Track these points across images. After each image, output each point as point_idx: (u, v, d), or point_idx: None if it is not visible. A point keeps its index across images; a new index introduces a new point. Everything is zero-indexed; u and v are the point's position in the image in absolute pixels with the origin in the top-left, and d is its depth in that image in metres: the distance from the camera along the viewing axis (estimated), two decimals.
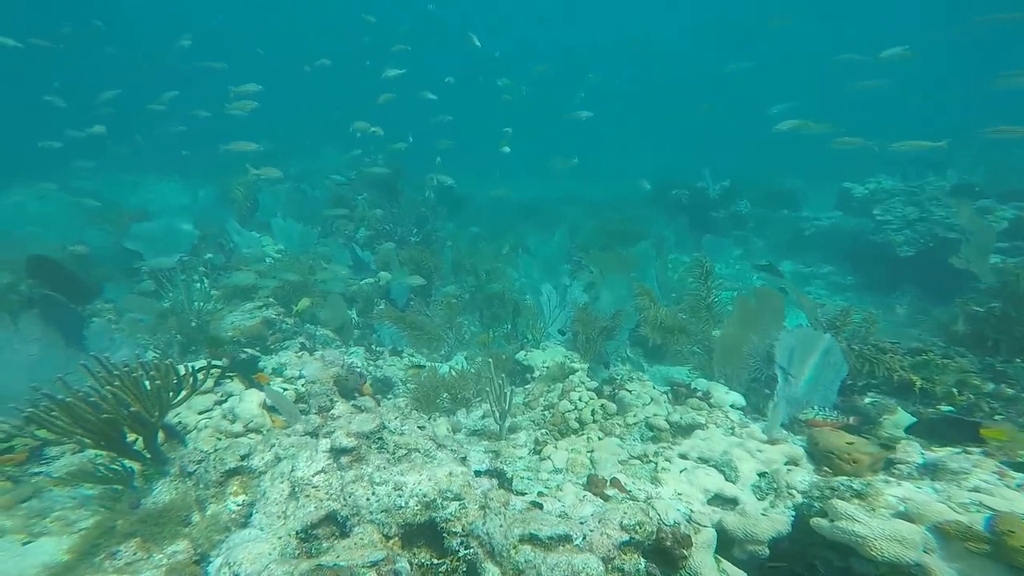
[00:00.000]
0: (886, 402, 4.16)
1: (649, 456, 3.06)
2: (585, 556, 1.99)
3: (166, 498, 3.11)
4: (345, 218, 9.83)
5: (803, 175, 13.33)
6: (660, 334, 5.49)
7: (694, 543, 2.20)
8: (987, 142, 10.29)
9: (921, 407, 4.14)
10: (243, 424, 3.54)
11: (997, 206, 8.97)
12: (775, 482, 2.62)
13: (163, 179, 14.77)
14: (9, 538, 3.05)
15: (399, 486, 2.60)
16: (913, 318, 6.82)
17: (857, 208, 10.71)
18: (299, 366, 3.92)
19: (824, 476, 2.70)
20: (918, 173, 10.85)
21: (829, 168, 12.92)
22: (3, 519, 3.15)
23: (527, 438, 3.58)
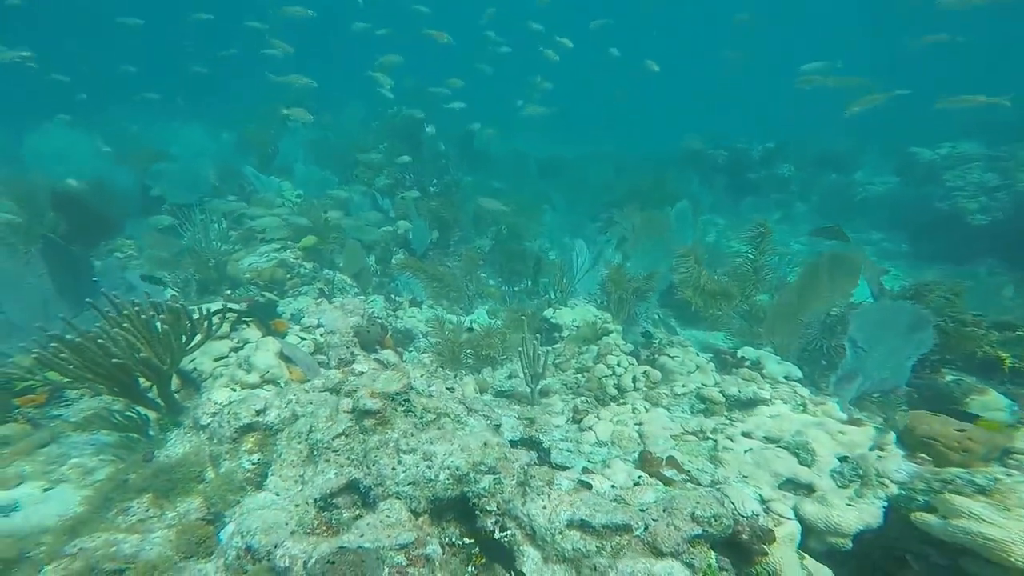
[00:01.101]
0: (969, 381, 3.61)
1: (706, 432, 2.65)
2: (668, 563, 1.60)
3: (180, 451, 2.85)
4: (366, 166, 9.24)
5: (856, 139, 12.00)
6: (702, 298, 4.94)
7: (777, 538, 1.79)
8: None
9: (1011, 387, 3.59)
10: (259, 374, 3.23)
11: None
12: (861, 469, 2.19)
13: (187, 124, 14.25)
14: (31, 484, 2.87)
15: (428, 456, 2.24)
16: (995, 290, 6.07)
17: (921, 174, 9.57)
18: (317, 314, 3.55)
19: (920, 464, 2.24)
20: (1004, 140, 9.51)
21: (888, 133, 11.57)
22: (24, 464, 2.98)
23: (564, 405, 3.19)
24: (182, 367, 3.38)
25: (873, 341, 3.50)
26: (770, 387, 3.02)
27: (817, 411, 2.72)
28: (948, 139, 9.69)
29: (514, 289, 6.90)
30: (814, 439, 2.39)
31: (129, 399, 2.99)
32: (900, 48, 8.42)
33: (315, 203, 6.41)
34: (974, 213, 8.27)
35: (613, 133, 17.67)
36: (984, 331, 3.95)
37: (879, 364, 3.57)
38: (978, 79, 18.56)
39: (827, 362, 4.28)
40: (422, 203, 7.01)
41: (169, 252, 5.05)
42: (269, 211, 5.65)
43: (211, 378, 3.41)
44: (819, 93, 7.56)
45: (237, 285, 4.77)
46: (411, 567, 1.77)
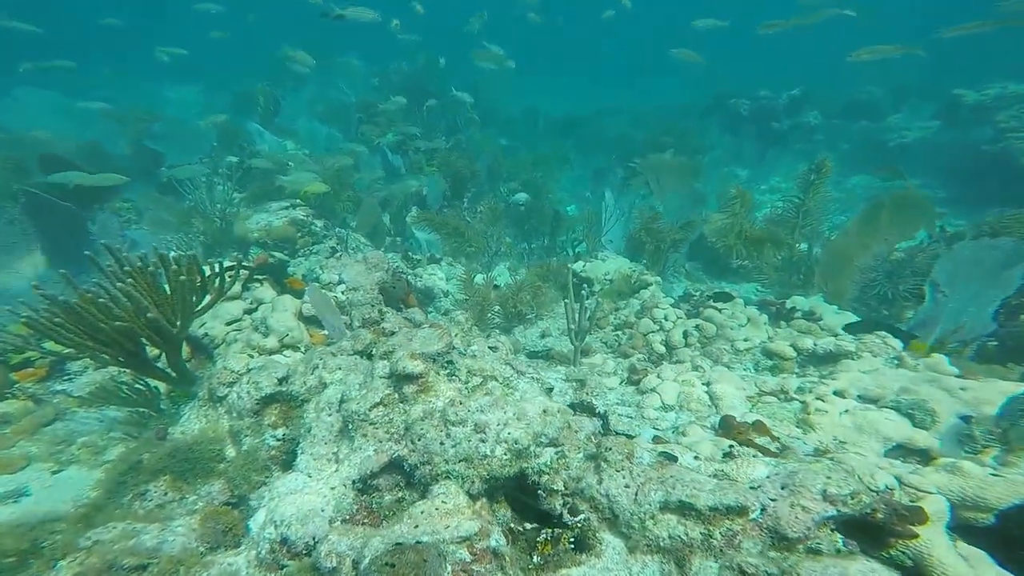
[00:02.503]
0: None
1: (789, 392, 2.25)
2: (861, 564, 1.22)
3: (195, 427, 2.50)
4: (374, 123, 8.48)
5: (890, 87, 10.88)
6: (746, 245, 4.42)
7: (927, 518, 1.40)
8: None
9: None
10: (277, 338, 2.83)
11: None
12: (1001, 431, 1.79)
13: (179, 84, 13.25)
14: (38, 466, 2.57)
15: (480, 427, 1.85)
16: None
17: (968, 117, 8.70)
18: (338, 269, 3.11)
19: None
20: None
21: (925, 79, 10.46)
22: (28, 444, 2.66)
23: (615, 365, 2.78)
24: (191, 332, 2.99)
25: (956, 284, 3.02)
26: (852, 339, 2.59)
27: (919, 365, 2.30)
28: (995, 80, 8.74)
29: (531, 246, 6.40)
30: (929, 397, 1.99)
31: (136, 369, 2.61)
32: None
33: (325, 159, 5.82)
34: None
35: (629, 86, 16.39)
36: None
37: (959, 310, 3.10)
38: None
39: (888, 311, 3.82)
40: (438, 157, 6.38)
41: (171, 213, 4.56)
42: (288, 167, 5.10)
43: (224, 344, 3.02)
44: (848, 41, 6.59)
45: (245, 245, 4.31)
46: (476, 563, 1.41)
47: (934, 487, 1.51)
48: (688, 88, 14.96)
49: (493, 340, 2.29)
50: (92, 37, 8.77)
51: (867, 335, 2.55)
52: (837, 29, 5.48)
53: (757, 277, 5.39)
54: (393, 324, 2.51)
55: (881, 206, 3.76)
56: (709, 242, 5.83)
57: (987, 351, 3.26)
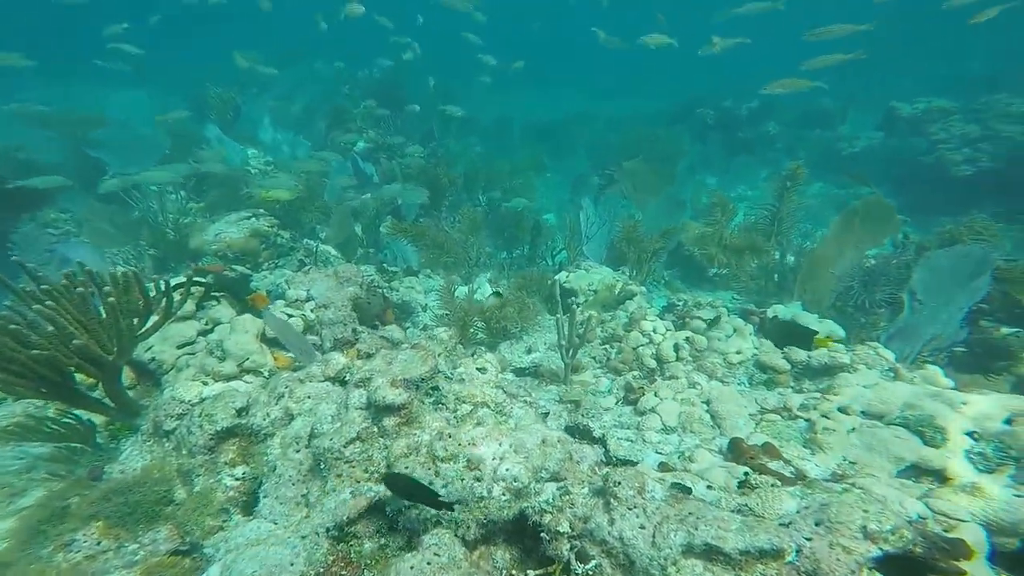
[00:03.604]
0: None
1: (792, 409, 2.16)
2: None
3: (138, 465, 2.15)
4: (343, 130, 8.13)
5: (839, 96, 11.55)
6: (726, 254, 4.42)
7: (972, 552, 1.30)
8: None
9: None
10: (236, 363, 2.50)
11: None
12: (1011, 447, 1.75)
13: (128, 87, 12.32)
14: None
15: (474, 462, 1.63)
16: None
17: (905, 128, 9.31)
18: (306, 284, 2.81)
19: None
20: (973, 94, 9.32)
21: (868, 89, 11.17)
22: None
23: (609, 383, 2.62)
24: (136, 356, 2.61)
25: (932, 292, 3.07)
26: (847, 350, 2.55)
27: (915, 378, 2.27)
28: (921, 95, 9.45)
29: (512, 255, 6.24)
30: (935, 413, 1.93)
31: (64, 401, 2.23)
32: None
33: (292, 166, 5.45)
34: (959, 164, 8.08)
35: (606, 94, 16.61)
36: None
37: (933, 317, 3.15)
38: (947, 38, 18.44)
39: (865, 318, 3.87)
40: (413, 166, 6.13)
41: (115, 225, 4.09)
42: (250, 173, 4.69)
43: (174, 369, 2.66)
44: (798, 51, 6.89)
45: (202, 258, 3.91)
46: None
47: (967, 514, 1.42)
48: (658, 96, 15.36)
49: (481, 360, 2.08)
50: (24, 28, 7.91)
51: (860, 347, 2.53)
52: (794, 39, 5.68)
53: (733, 285, 5.43)
54: (369, 345, 2.26)
55: (855, 214, 3.84)
56: (687, 250, 5.85)
57: (957, 357, 3.33)
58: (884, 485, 1.58)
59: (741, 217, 4.78)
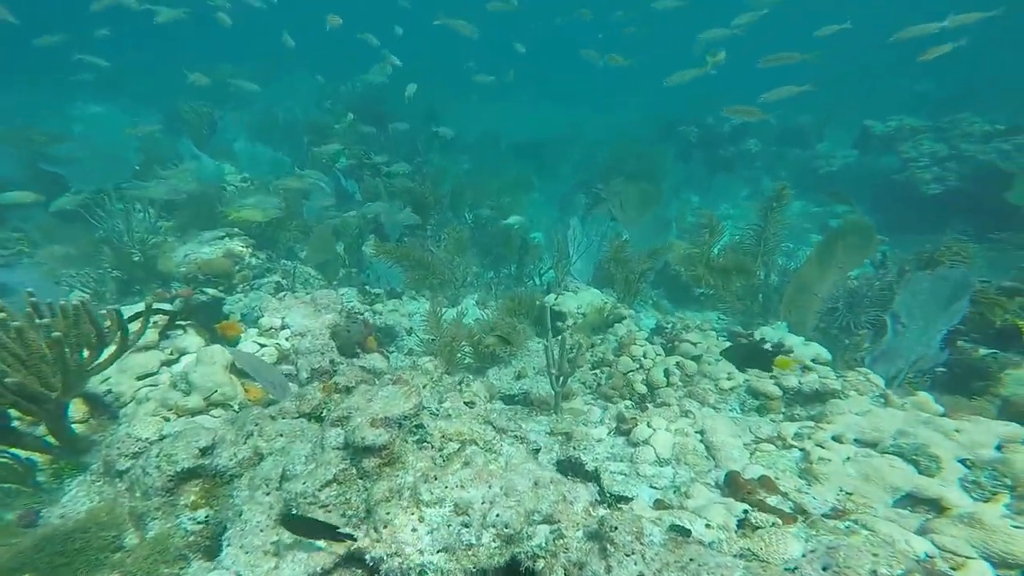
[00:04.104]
0: (1005, 355, 3.35)
1: (787, 439, 2.14)
2: None
3: (82, 508, 1.98)
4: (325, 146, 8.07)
5: (815, 112, 12.06)
6: (715, 275, 4.48)
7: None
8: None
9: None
10: (202, 396, 2.37)
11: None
12: (1006, 475, 1.76)
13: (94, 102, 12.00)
14: None
15: (462, 507, 1.55)
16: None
17: (878, 146, 9.75)
18: (281, 311, 2.70)
19: None
20: (941, 113, 9.85)
21: (842, 107, 11.71)
22: None
23: (601, 413, 2.57)
24: (90, 389, 2.45)
25: (914, 315, 3.15)
26: (837, 377, 2.57)
27: (906, 404, 2.29)
28: (893, 113, 9.88)
29: (499, 274, 6.21)
30: (928, 441, 1.94)
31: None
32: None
33: (272, 184, 5.34)
34: (929, 183, 8.43)
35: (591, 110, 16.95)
36: (1008, 298, 3.72)
37: (915, 340, 3.23)
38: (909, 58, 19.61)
39: (849, 340, 3.94)
40: (397, 183, 6.10)
41: (75, 246, 3.91)
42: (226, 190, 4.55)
43: (134, 402, 2.50)
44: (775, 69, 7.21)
45: (171, 281, 3.76)
46: None
47: (974, 550, 1.41)
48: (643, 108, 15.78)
49: (468, 392, 2.01)
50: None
51: (850, 372, 2.56)
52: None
53: (720, 305, 5.49)
54: (348, 377, 2.17)
55: (837, 236, 3.95)
56: (673, 270, 5.92)
57: (938, 378, 3.41)
58: (887, 522, 1.56)
59: (728, 237, 4.87)
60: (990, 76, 14.25)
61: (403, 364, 3.68)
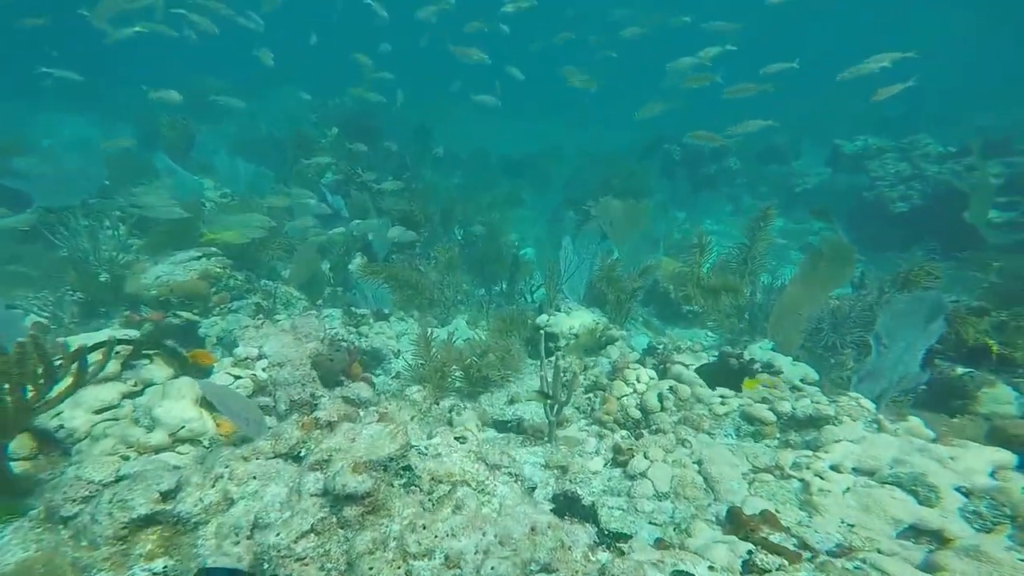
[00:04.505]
0: (981, 373, 3.42)
1: (785, 468, 2.08)
2: None
3: (14, 558, 1.77)
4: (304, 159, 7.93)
5: (789, 131, 12.46)
6: (703, 295, 4.48)
7: None
8: None
9: (1001, 375, 3.44)
10: (167, 432, 2.18)
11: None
12: (1006, 505, 1.73)
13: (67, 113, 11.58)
14: None
15: (453, 559, 1.43)
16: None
17: (849, 165, 10.10)
18: (259, 340, 2.54)
19: None
20: (901, 132, 10.27)
21: (815, 125, 12.14)
22: None
23: (596, 443, 2.47)
24: (39, 423, 2.24)
25: (895, 335, 3.20)
26: (830, 402, 2.55)
27: (898, 430, 2.27)
28: (859, 132, 10.23)
29: (490, 292, 6.12)
30: (924, 469, 1.92)
31: None
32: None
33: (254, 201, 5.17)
34: (895, 201, 8.70)
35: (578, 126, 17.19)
36: (977, 316, 3.82)
37: (897, 360, 3.27)
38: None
39: (835, 359, 3.97)
40: (387, 200, 5.99)
41: (35, 266, 3.66)
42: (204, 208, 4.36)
43: (89, 439, 2.29)
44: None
45: (140, 304, 3.54)
46: None
47: (958, 573, 1.35)
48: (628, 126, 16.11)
49: (460, 427, 1.90)
50: None
51: (842, 397, 2.55)
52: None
53: (708, 323, 5.50)
54: (330, 412, 2.03)
55: (819, 256, 4.00)
56: (662, 287, 5.93)
57: (918, 396, 3.45)
58: (896, 562, 1.50)
59: (716, 255, 4.91)
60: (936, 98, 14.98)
61: (390, 388, 3.53)
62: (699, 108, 11.64)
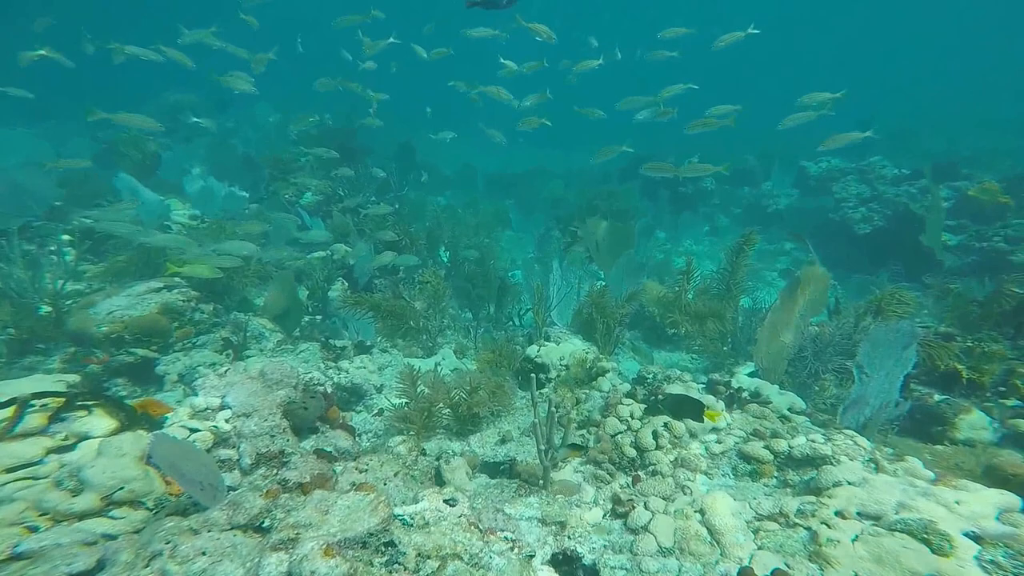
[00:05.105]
0: (957, 400, 3.46)
1: (789, 516, 1.95)
2: None
3: None
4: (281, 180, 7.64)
5: (756, 153, 12.84)
6: (689, 321, 4.42)
7: None
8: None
9: (972, 400, 3.49)
10: (100, 495, 1.88)
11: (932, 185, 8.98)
12: (1019, 552, 1.64)
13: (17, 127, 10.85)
14: None
15: None
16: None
17: (815, 186, 10.46)
18: (221, 389, 2.26)
19: None
20: (860, 154, 10.64)
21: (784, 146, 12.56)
22: None
23: (594, 492, 2.29)
24: None
25: (876, 364, 3.22)
26: (824, 438, 2.46)
27: (897, 470, 2.19)
28: (820, 155, 10.50)
29: (477, 316, 5.91)
30: (931, 514, 1.82)
31: None
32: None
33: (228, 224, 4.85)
34: (859, 223, 8.95)
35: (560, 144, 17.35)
36: (946, 343, 3.90)
37: (879, 388, 3.29)
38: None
39: (819, 387, 3.96)
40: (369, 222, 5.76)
41: None
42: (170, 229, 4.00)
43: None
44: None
45: (86, 343, 3.18)
46: None
47: None
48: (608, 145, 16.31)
49: (448, 473, 1.69)
50: None
51: (838, 436, 2.47)
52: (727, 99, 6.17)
53: (693, 347, 5.41)
54: (301, 472, 1.78)
55: (798, 283, 4.03)
56: (648, 311, 5.86)
57: (901, 424, 3.45)
58: None
59: (698, 278, 4.89)
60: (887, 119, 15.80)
61: (372, 427, 3.26)
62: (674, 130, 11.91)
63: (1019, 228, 7.36)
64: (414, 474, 2.00)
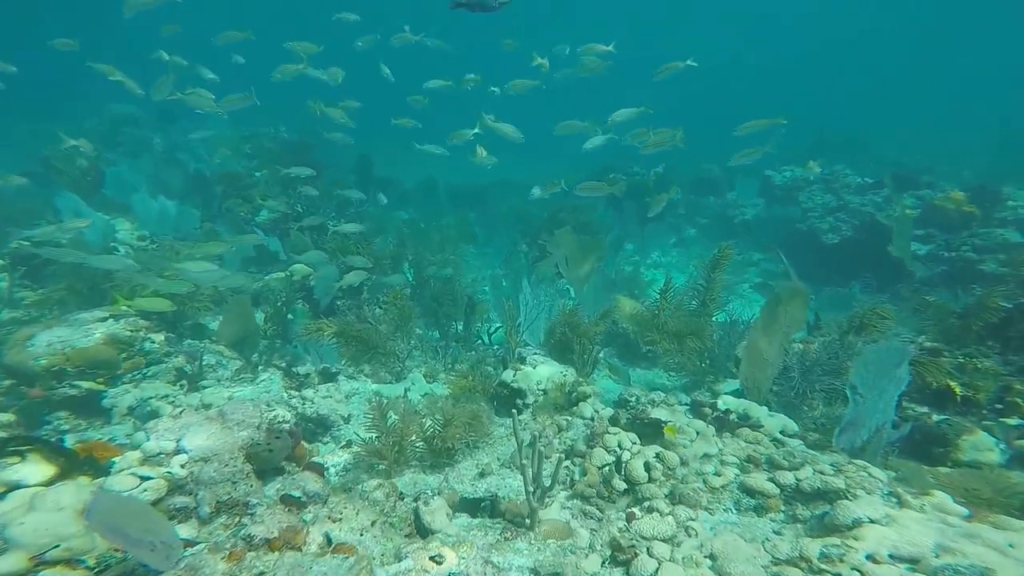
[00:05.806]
0: (958, 420, 3.54)
1: (812, 560, 1.88)
2: None
3: None
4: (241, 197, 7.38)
5: (718, 161, 12.96)
6: (668, 340, 4.49)
7: None
8: None
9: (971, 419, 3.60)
10: (28, 555, 1.71)
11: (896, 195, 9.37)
12: None
13: None
14: None
15: None
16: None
17: (781, 196, 10.73)
18: (176, 432, 2.11)
19: None
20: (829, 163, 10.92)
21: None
22: None
23: (589, 536, 2.23)
24: None
25: (869, 385, 3.31)
26: (837, 475, 2.42)
27: (924, 505, 2.11)
28: (784, 162, 10.70)
29: (446, 335, 5.85)
30: (985, 560, 1.66)
31: None
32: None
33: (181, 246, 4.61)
34: (827, 233, 9.06)
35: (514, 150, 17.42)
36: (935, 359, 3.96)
37: (874, 407, 3.37)
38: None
39: (807, 406, 3.99)
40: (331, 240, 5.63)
41: None
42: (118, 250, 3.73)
43: None
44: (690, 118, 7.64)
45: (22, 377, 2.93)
46: None
47: None
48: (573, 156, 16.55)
49: (433, 541, 1.63)
50: None
51: (848, 467, 2.50)
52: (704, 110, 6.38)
53: (670, 364, 5.41)
54: (268, 526, 1.68)
55: (778, 301, 4.11)
56: (622, 328, 5.89)
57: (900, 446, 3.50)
58: None
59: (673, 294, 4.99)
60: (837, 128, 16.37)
61: (340, 461, 3.12)
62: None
63: (986, 237, 7.49)
64: (392, 521, 1.93)
